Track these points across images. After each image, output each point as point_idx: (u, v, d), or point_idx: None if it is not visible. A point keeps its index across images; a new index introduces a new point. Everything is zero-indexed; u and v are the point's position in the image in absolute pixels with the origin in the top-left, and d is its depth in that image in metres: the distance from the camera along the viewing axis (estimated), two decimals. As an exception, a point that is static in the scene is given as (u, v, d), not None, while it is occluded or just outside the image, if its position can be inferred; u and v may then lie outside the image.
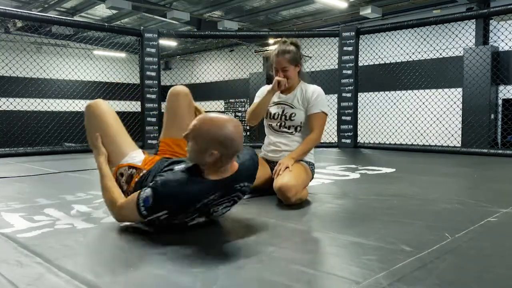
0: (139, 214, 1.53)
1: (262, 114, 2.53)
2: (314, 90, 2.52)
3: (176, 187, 1.49)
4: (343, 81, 6.25)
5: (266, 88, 2.63)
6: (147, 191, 1.51)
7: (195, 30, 10.24)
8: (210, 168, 1.57)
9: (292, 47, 2.46)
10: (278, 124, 2.54)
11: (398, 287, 1.10)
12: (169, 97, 2.05)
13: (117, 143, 1.89)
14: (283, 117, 2.52)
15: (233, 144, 1.53)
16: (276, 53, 2.47)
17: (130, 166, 1.82)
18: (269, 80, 2.60)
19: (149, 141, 6.15)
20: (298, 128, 2.51)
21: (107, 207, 1.71)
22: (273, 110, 2.55)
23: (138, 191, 1.57)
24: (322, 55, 6.75)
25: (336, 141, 6.35)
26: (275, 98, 2.58)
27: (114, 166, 1.83)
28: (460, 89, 7.31)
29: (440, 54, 8.01)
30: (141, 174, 1.77)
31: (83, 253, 1.47)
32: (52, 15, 8.13)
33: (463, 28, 5.96)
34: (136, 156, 1.86)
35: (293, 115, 2.50)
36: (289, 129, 2.51)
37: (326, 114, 2.52)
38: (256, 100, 2.59)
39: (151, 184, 1.53)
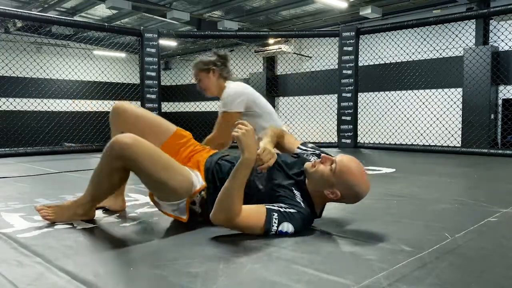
0: (265, 234, 1.53)
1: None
2: (225, 91, 2.66)
3: (307, 224, 1.63)
4: (343, 81, 6.25)
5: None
6: (289, 227, 1.54)
7: (195, 30, 10.23)
8: (321, 202, 1.70)
9: (202, 57, 2.65)
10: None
11: (398, 287, 1.10)
12: (127, 112, 1.84)
13: (181, 171, 1.65)
14: None
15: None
16: None
17: (201, 190, 1.68)
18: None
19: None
20: None
21: (219, 213, 1.49)
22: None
23: (266, 214, 1.52)
24: (322, 55, 6.75)
25: (336, 141, 6.34)
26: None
27: (183, 198, 1.63)
28: (460, 89, 7.30)
29: (440, 54, 8.01)
30: (206, 191, 1.68)
31: (83, 253, 1.47)
32: (52, 15, 8.12)
33: (463, 28, 5.96)
34: (194, 175, 1.69)
35: None
36: None
37: (228, 113, 2.62)
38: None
39: (293, 212, 1.56)
